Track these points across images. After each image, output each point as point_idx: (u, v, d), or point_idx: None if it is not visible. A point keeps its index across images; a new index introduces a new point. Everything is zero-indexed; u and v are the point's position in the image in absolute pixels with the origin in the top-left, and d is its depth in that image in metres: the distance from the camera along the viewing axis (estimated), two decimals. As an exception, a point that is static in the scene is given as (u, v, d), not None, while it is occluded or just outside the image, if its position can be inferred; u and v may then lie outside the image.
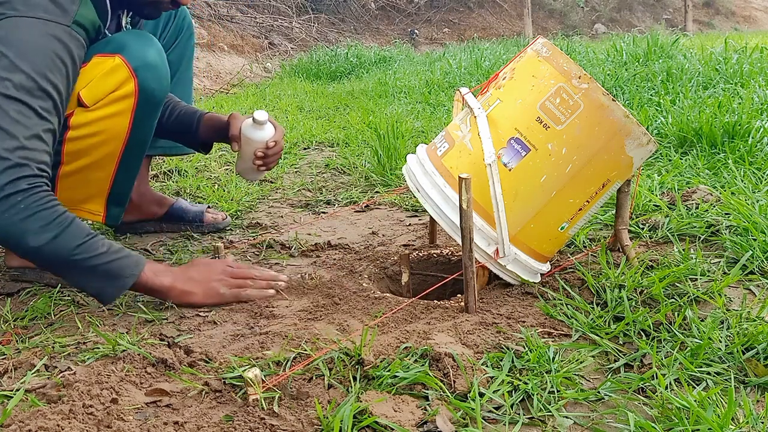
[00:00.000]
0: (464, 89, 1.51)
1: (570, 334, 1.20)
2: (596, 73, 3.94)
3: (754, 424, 0.90)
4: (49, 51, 1.27)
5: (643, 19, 14.44)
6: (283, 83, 6.50)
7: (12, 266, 1.58)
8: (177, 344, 1.20)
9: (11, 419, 0.94)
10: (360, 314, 1.32)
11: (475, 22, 12.22)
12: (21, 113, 1.23)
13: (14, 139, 1.21)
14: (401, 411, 0.95)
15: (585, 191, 1.35)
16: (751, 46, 4.29)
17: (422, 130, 3.28)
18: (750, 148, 2.21)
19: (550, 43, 1.39)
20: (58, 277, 1.48)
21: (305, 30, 9.42)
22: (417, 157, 1.49)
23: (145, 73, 1.45)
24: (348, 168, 2.71)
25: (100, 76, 1.43)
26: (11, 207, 1.20)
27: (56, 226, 1.23)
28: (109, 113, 1.44)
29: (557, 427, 0.94)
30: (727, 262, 1.46)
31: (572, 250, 1.63)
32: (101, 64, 1.43)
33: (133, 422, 0.94)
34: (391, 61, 7.58)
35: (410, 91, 4.92)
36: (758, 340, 1.09)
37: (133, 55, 1.45)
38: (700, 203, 1.79)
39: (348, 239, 1.85)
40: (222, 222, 1.99)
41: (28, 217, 1.21)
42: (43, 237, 1.22)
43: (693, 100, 2.97)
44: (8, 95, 1.22)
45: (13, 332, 1.28)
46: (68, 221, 1.25)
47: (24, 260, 1.53)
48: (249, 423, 0.94)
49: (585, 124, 1.30)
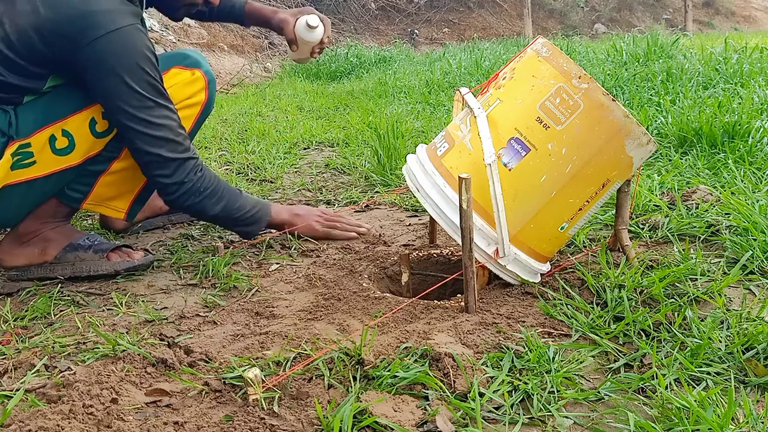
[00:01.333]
0: (464, 89, 1.51)
1: (570, 334, 1.20)
2: (596, 73, 3.94)
3: (754, 424, 0.90)
4: (144, 52, 1.44)
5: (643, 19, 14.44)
6: (283, 83, 6.50)
7: (14, 266, 1.58)
8: (177, 344, 1.20)
9: (11, 419, 0.94)
10: (360, 314, 1.32)
11: (475, 22, 12.21)
12: (160, 116, 1.49)
13: (170, 141, 1.51)
14: (401, 411, 0.95)
15: (585, 191, 1.35)
16: (751, 46, 4.28)
17: (422, 130, 3.28)
18: (750, 148, 2.21)
19: (550, 43, 1.39)
20: (67, 271, 1.58)
21: (305, 30, 9.40)
22: (417, 157, 1.49)
23: (212, 87, 1.73)
24: (348, 168, 2.71)
25: (179, 85, 1.65)
26: (194, 193, 1.57)
27: (221, 198, 1.62)
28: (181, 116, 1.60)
29: (557, 427, 0.94)
30: (727, 262, 1.46)
31: (572, 250, 1.63)
32: (180, 75, 1.66)
33: (133, 422, 0.94)
34: (391, 61, 7.57)
35: (410, 91, 4.92)
36: (758, 340, 1.09)
37: (206, 71, 1.72)
38: (700, 203, 1.79)
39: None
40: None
41: (206, 197, 1.59)
42: (216, 208, 1.62)
43: (693, 100, 2.97)
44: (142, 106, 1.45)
45: (13, 332, 1.28)
46: (227, 190, 1.64)
47: (30, 258, 1.59)
48: (249, 423, 0.94)
49: (585, 124, 1.30)
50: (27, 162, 1.45)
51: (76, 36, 1.37)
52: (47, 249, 1.59)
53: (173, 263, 1.68)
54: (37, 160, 1.46)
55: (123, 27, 1.40)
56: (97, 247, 1.61)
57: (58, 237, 1.61)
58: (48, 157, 1.47)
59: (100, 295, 1.49)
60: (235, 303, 1.42)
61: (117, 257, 1.60)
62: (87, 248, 1.60)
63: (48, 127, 1.46)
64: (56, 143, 1.47)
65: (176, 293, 1.49)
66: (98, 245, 1.62)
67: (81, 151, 1.51)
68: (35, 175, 1.47)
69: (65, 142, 1.48)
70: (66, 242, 1.60)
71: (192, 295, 1.48)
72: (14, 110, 1.43)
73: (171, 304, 1.43)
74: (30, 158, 1.45)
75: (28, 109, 1.45)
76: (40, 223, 1.60)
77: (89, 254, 1.59)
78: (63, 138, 1.47)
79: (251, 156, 2.90)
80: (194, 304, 1.42)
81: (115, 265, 1.57)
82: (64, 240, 1.61)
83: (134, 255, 1.63)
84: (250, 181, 2.58)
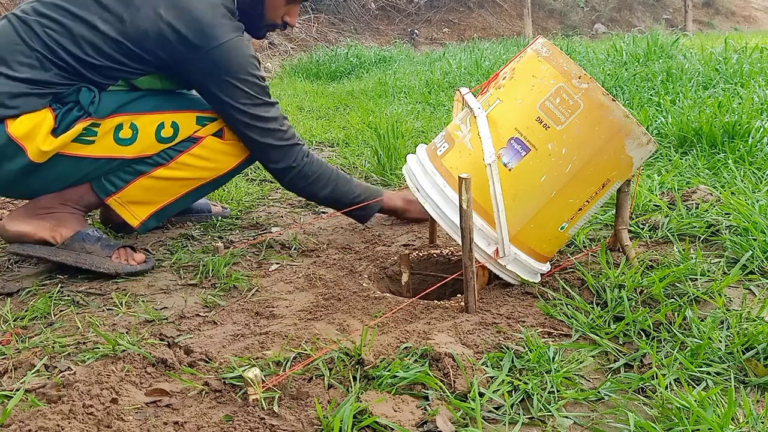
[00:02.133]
0: (464, 89, 1.51)
1: (570, 334, 1.20)
2: (596, 73, 3.94)
3: (754, 424, 0.90)
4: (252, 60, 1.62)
5: (643, 19, 14.44)
6: (283, 83, 6.50)
7: (17, 232, 1.58)
8: (177, 344, 1.20)
9: (11, 419, 0.94)
10: (360, 314, 1.32)
11: (475, 22, 12.21)
12: (267, 111, 1.65)
13: (277, 131, 1.68)
14: (401, 411, 0.95)
15: (585, 191, 1.35)
16: (751, 46, 4.28)
17: (422, 130, 3.28)
18: (750, 148, 2.21)
19: (550, 43, 1.39)
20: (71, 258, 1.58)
21: (305, 30, 9.43)
22: (417, 157, 1.49)
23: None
24: (348, 168, 2.71)
25: None
26: (303, 177, 1.75)
27: (331, 182, 1.78)
28: (230, 152, 1.72)
29: (557, 427, 0.94)
30: (727, 262, 1.46)
31: (572, 250, 1.63)
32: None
33: (133, 422, 0.94)
34: (391, 61, 7.57)
35: (410, 91, 4.92)
36: (758, 340, 1.09)
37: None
38: (700, 203, 1.79)
39: (348, 239, 1.85)
40: (224, 212, 2.14)
41: (314, 181, 1.76)
42: (325, 191, 1.78)
43: (693, 100, 2.97)
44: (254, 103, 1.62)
45: (13, 332, 1.28)
46: (336, 176, 1.80)
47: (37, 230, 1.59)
48: (249, 423, 0.94)
49: (585, 124, 1.30)
50: (88, 139, 1.55)
51: (198, 43, 1.53)
52: (59, 229, 1.60)
53: (173, 263, 1.68)
54: (96, 141, 1.56)
55: (234, 38, 1.57)
56: (105, 242, 1.61)
57: (72, 221, 1.62)
58: (107, 142, 1.57)
59: (100, 295, 1.49)
60: (235, 303, 1.42)
61: (121, 257, 1.61)
62: (96, 240, 1.61)
63: (121, 116, 1.57)
64: (121, 132, 1.58)
65: (176, 293, 1.49)
66: (106, 240, 1.63)
67: (138, 148, 1.60)
68: (88, 153, 1.56)
69: (129, 134, 1.58)
70: (79, 228, 1.61)
71: (192, 295, 1.48)
72: (99, 92, 1.55)
73: (171, 304, 1.43)
74: (92, 136, 1.55)
75: (112, 94, 1.57)
76: (61, 202, 1.62)
77: (96, 247, 1.59)
78: (128, 129, 1.58)
79: (251, 156, 2.89)
80: (194, 304, 1.42)
81: (117, 266, 1.58)
82: (77, 225, 1.62)
83: (138, 257, 1.63)
84: (250, 181, 2.58)
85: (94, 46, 1.50)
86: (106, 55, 1.52)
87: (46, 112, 1.48)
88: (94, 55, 1.51)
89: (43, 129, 1.48)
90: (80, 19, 1.50)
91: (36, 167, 1.51)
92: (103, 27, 1.50)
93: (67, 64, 1.50)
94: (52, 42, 1.49)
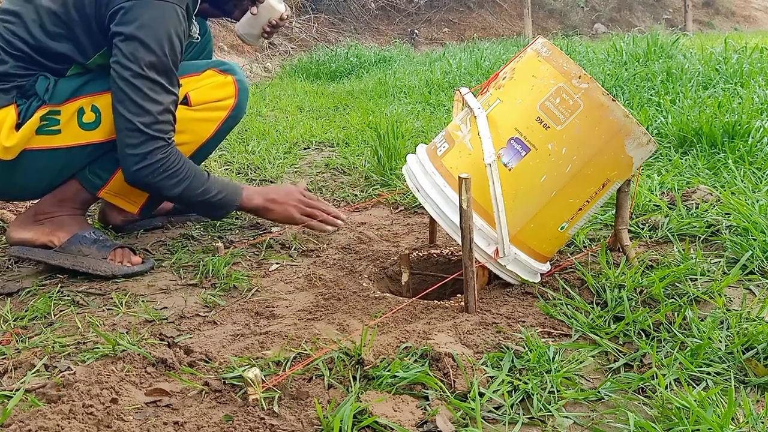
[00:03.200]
0: (464, 89, 1.51)
1: (570, 334, 1.20)
2: (596, 73, 3.94)
3: (754, 424, 0.90)
4: (171, 30, 1.49)
5: (643, 19, 14.43)
6: (283, 83, 6.50)
7: (20, 239, 1.60)
8: (177, 344, 1.20)
9: (11, 419, 0.94)
10: (360, 314, 1.32)
11: (475, 22, 12.21)
12: (152, 90, 1.49)
13: (149, 114, 1.49)
14: (401, 411, 0.95)
15: (585, 191, 1.35)
16: (751, 46, 4.28)
17: (422, 130, 3.28)
18: (750, 148, 2.21)
19: (550, 43, 1.39)
20: (68, 262, 1.59)
21: (305, 30, 9.42)
22: (417, 157, 1.49)
23: (243, 94, 1.76)
24: (348, 168, 2.71)
25: (210, 87, 1.71)
26: (153, 171, 1.52)
27: (185, 179, 1.57)
28: (204, 117, 1.69)
29: (557, 427, 0.94)
30: (727, 262, 1.46)
31: (572, 250, 1.63)
32: (213, 78, 1.72)
33: (133, 422, 0.94)
34: (391, 61, 7.57)
35: (410, 91, 4.91)
36: (758, 340, 1.09)
37: (239, 79, 1.76)
38: (700, 203, 1.79)
39: (348, 239, 1.85)
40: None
41: (166, 177, 1.55)
42: (177, 189, 1.57)
43: (693, 100, 2.97)
44: (140, 74, 1.46)
45: (13, 332, 1.28)
46: (192, 174, 1.59)
47: (37, 236, 1.61)
48: (249, 423, 0.94)
49: (585, 124, 1.30)
50: (52, 129, 1.53)
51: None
52: (57, 232, 1.61)
53: (173, 263, 1.68)
54: (62, 130, 1.53)
55: (164, 1, 1.46)
56: (102, 244, 1.61)
57: (70, 224, 1.63)
58: (73, 129, 1.54)
59: (100, 295, 1.49)
60: (235, 303, 1.42)
61: (118, 258, 1.60)
62: (92, 242, 1.61)
63: (79, 99, 1.54)
64: (84, 117, 1.55)
65: (176, 293, 1.49)
66: (103, 242, 1.63)
67: (106, 130, 1.57)
68: (58, 144, 1.54)
69: (92, 117, 1.55)
70: (76, 231, 1.62)
71: (192, 295, 1.48)
72: (55, 80, 1.52)
73: (171, 304, 1.43)
74: (56, 125, 1.53)
75: (67, 80, 1.54)
76: (58, 205, 1.63)
77: (92, 250, 1.60)
78: (91, 113, 1.54)
79: (251, 156, 2.90)
80: (194, 304, 1.42)
81: (114, 268, 1.58)
82: (75, 228, 1.63)
83: (134, 259, 1.63)
84: (250, 180, 2.58)
85: (42, 27, 1.49)
86: (51, 33, 1.49)
87: (10, 108, 1.49)
88: (42, 37, 1.49)
89: (6, 125, 1.48)
90: (29, 2, 1.50)
91: (10, 166, 1.52)
92: (47, 3, 1.49)
93: (23, 53, 1.49)
94: (8, 33, 1.49)
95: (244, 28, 1.87)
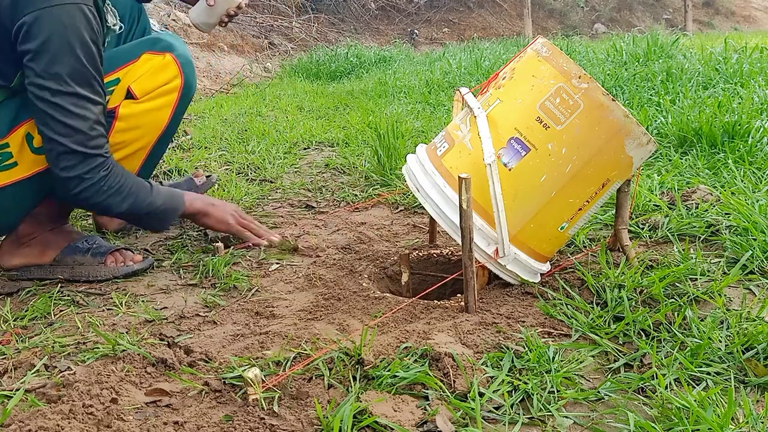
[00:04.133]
0: (464, 89, 1.51)
1: (570, 334, 1.20)
2: (596, 73, 3.94)
3: (754, 424, 0.90)
4: (82, 33, 1.36)
5: (643, 19, 14.43)
6: (283, 83, 6.50)
7: (12, 266, 1.59)
8: (177, 344, 1.20)
9: (11, 419, 0.94)
10: (360, 314, 1.32)
11: (475, 22, 12.21)
12: (77, 105, 1.38)
13: (79, 132, 1.40)
14: (401, 411, 0.95)
15: (585, 191, 1.35)
16: (751, 46, 4.28)
17: (422, 130, 3.28)
18: (750, 148, 2.21)
19: (550, 42, 1.39)
20: (66, 273, 1.58)
21: (305, 30, 9.42)
22: (417, 157, 1.49)
23: (188, 69, 1.63)
24: (348, 168, 2.71)
25: (151, 72, 1.58)
26: (96, 191, 1.45)
27: (130, 195, 1.51)
28: (155, 106, 1.59)
29: (557, 427, 0.94)
30: (727, 262, 1.46)
31: (572, 250, 1.63)
32: (151, 61, 1.58)
33: (133, 422, 0.94)
34: (391, 61, 7.57)
35: (410, 91, 4.91)
36: (758, 340, 1.09)
37: (180, 54, 1.62)
38: (700, 203, 1.79)
39: (348, 239, 1.85)
40: (209, 180, 2.18)
41: (112, 195, 1.48)
42: (123, 206, 1.51)
43: (693, 100, 2.97)
44: (60, 90, 1.36)
45: (13, 332, 1.28)
46: (136, 188, 1.53)
47: (28, 258, 1.59)
48: (249, 423, 0.94)
49: (585, 124, 1.30)
50: (8, 163, 1.45)
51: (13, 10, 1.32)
52: (46, 251, 1.60)
53: (173, 263, 1.68)
54: (18, 161, 1.46)
55: (64, 4, 1.33)
56: (95, 251, 1.60)
57: (56, 239, 1.61)
58: (28, 157, 1.46)
59: (100, 295, 1.49)
60: (235, 303, 1.42)
61: (114, 260, 1.60)
62: (85, 251, 1.60)
63: (22, 125, 1.44)
64: (33, 142, 1.45)
65: (176, 293, 1.49)
66: (96, 248, 1.61)
67: None
68: (19, 177, 1.47)
69: (41, 140, 1.44)
70: (64, 244, 1.61)
71: (192, 295, 1.48)
72: None
73: (171, 304, 1.43)
74: (10, 159, 1.45)
75: (1, 109, 1.43)
76: (38, 226, 1.60)
77: (87, 258, 1.59)
78: (38, 136, 1.44)
79: (251, 156, 2.90)
80: (194, 304, 1.42)
81: (113, 270, 1.58)
82: (62, 242, 1.61)
83: (132, 258, 1.62)
84: (250, 181, 2.58)
85: None
86: None
87: None
88: None
89: None
90: None
91: None
92: None
93: None
94: None
95: (200, 17, 1.80)
